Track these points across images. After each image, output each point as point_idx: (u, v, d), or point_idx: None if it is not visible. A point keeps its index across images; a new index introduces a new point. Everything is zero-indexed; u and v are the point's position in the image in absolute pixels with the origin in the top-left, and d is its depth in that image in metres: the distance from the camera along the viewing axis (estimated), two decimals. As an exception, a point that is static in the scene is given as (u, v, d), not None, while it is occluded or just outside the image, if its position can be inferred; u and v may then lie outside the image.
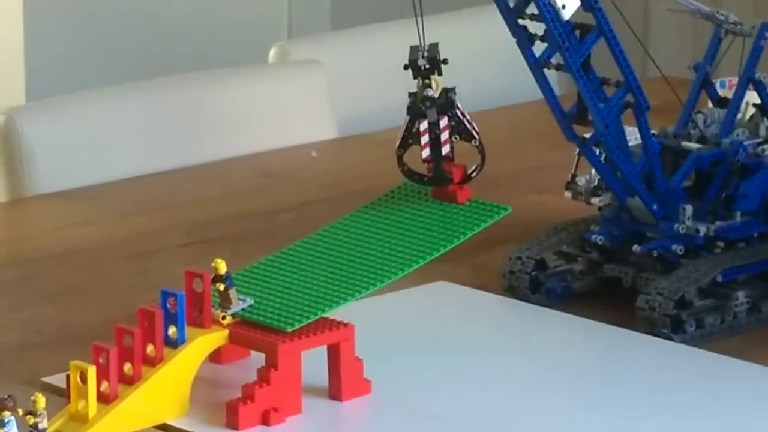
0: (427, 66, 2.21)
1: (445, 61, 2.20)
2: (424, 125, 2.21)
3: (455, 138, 2.20)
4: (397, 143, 2.23)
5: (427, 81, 2.21)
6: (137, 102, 3.02)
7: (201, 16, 4.38)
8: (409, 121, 2.22)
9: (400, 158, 2.23)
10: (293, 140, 2.89)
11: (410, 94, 2.22)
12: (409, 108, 2.22)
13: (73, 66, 4.20)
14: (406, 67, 2.23)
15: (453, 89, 2.19)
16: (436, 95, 2.21)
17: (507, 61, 2.30)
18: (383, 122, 2.32)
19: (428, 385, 2.09)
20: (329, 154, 2.86)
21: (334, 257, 2.14)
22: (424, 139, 2.21)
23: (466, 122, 2.19)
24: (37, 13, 4.24)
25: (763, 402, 2.05)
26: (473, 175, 2.18)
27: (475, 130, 2.20)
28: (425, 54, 2.19)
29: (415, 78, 2.22)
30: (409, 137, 2.22)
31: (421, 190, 2.22)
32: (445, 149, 2.20)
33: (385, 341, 2.10)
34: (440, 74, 2.20)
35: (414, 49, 2.20)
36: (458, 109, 2.20)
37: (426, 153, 2.20)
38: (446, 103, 2.20)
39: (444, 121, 2.21)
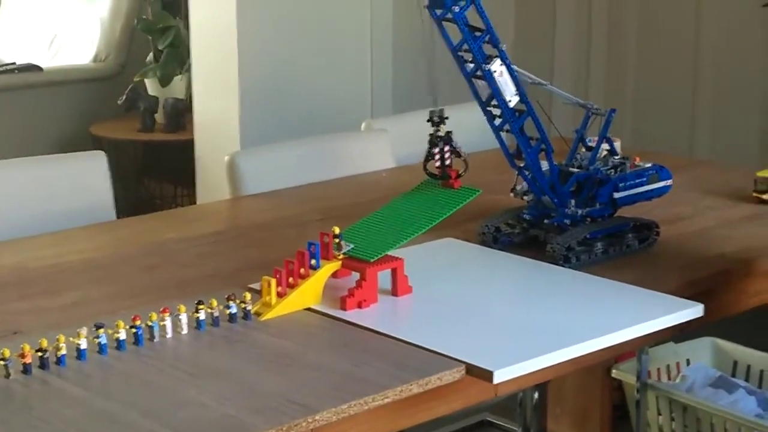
0: (438, 120, 2.24)
1: (447, 117, 2.27)
2: (436, 150, 2.27)
3: (452, 156, 2.23)
4: (424, 159, 2.29)
5: (437, 128, 2.25)
6: (296, 148, 3.04)
7: (335, 105, 4.31)
8: (429, 148, 2.27)
9: (425, 166, 2.30)
10: (374, 167, 2.90)
11: (429, 135, 2.28)
12: (429, 141, 2.28)
13: (252, 127, 4.15)
14: (428, 121, 2.29)
15: (451, 132, 2.27)
16: (442, 134, 2.24)
17: (482, 127, 2.32)
18: (416, 159, 2.35)
19: (442, 287, 2.15)
20: (391, 173, 2.88)
21: (392, 219, 2.21)
22: (437, 157, 2.27)
23: (458, 149, 2.25)
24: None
25: (607, 293, 2.11)
26: (462, 173, 2.25)
27: (462, 152, 2.27)
28: (437, 114, 2.22)
29: (432, 126, 2.27)
30: (429, 156, 2.29)
31: (436, 182, 2.29)
32: (447, 162, 2.25)
33: (419, 267, 2.13)
34: (444, 124, 2.27)
35: (431, 112, 2.26)
36: (454, 141, 2.26)
37: (437, 164, 2.27)
38: (448, 138, 2.26)
39: (447, 148, 2.26)
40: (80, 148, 2.86)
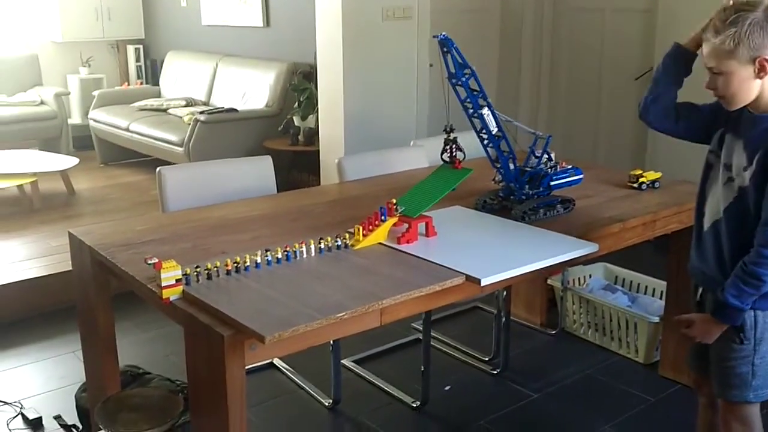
0: (450, 129, 2.21)
1: (455, 128, 2.22)
2: (448, 148, 2.21)
3: (456, 150, 2.21)
4: (441, 152, 2.22)
5: (448, 134, 2.21)
6: (374, 156, 2.98)
7: (395, 130, 4.29)
8: (444, 146, 2.22)
9: (441, 156, 2.23)
10: (417, 165, 2.86)
11: (444, 140, 2.22)
12: (444, 142, 2.22)
13: (350, 143, 4.17)
14: (443, 130, 2.23)
15: (456, 137, 2.22)
16: (451, 138, 2.20)
17: (477, 144, 2.23)
18: (438, 162, 2.28)
19: (453, 233, 2.08)
20: (423, 169, 2.80)
21: (424, 191, 2.16)
22: (447, 152, 2.21)
23: (460, 146, 2.21)
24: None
25: (545, 237, 2.05)
26: (461, 160, 2.22)
27: (463, 151, 2.23)
28: (449, 126, 2.19)
29: (445, 133, 2.22)
30: (444, 151, 2.22)
31: (447, 165, 2.23)
32: (454, 153, 2.22)
33: (440, 222, 2.09)
34: (453, 132, 2.21)
35: (445, 125, 2.20)
36: (458, 143, 2.21)
37: (446, 156, 2.22)
38: (454, 140, 2.22)
39: (454, 146, 2.21)
40: (258, 154, 2.86)
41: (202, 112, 5.14)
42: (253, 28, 5.90)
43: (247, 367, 1.53)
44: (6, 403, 2.68)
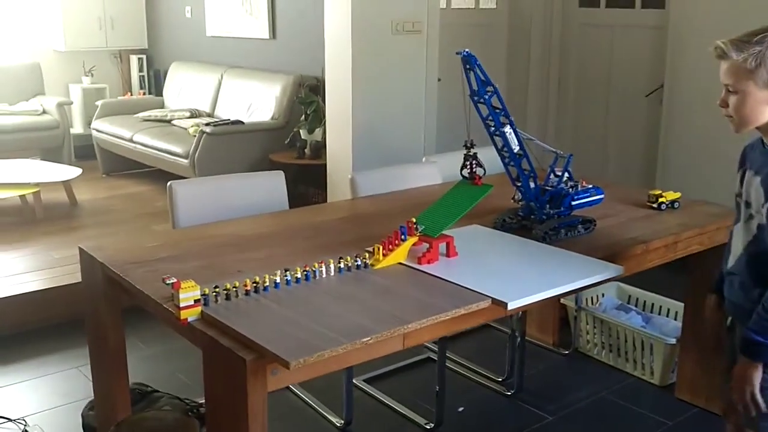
0: (470, 145, 2.17)
1: (475, 144, 2.19)
2: (468, 163, 2.18)
3: (476, 166, 2.17)
4: (460, 167, 2.19)
5: (469, 150, 2.18)
6: (387, 171, 2.95)
7: (402, 146, 4.24)
8: (464, 161, 2.19)
9: (461, 171, 2.20)
10: (431, 182, 2.83)
11: (464, 155, 2.19)
12: (464, 157, 2.18)
13: (359, 157, 4.12)
14: (463, 146, 2.20)
15: (476, 152, 2.19)
16: (471, 153, 2.17)
17: (496, 161, 2.19)
18: (452, 178, 2.24)
19: (474, 253, 2.04)
20: (437, 185, 2.78)
21: (442, 209, 2.11)
22: (467, 168, 2.18)
23: (481, 163, 2.17)
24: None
25: (568, 258, 2.00)
26: (482, 176, 2.17)
27: (483, 167, 2.19)
28: (469, 142, 2.16)
29: (465, 148, 2.19)
30: (464, 166, 2.19)
31: (467, 181, 2.20)
32: (474, 169, 2.18)
33: (461, 241, 2.05)
34: (473, 148, 2.18)
35: (465, 141, 2.17)
36: (479, 159, 2.17)
37: (466, 172, 2.18)
38: (474, 156, 2.18)
39: (475, 162, 2.17)
40: (262, 169, 2.82)
41: (207, 124, 5.11)
42: (260, 40, 5.88)
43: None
44: (9, 419, 2.62)
